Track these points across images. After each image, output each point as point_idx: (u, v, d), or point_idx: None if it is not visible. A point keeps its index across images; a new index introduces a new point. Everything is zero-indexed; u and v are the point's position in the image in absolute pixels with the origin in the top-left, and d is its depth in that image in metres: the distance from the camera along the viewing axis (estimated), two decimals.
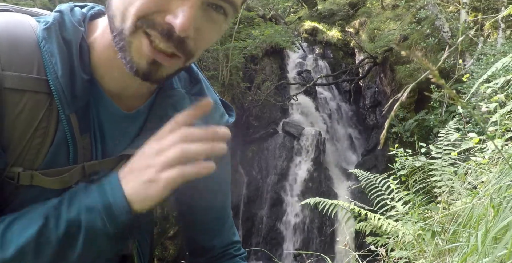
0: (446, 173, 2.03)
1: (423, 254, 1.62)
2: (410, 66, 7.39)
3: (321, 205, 2.43)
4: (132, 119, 0.75)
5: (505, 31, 5.76)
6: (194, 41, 0.63)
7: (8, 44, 0.63)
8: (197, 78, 0.84)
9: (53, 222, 0.61)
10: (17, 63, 0.63)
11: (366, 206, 2.28)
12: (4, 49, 0.62)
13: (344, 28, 11.28)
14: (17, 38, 0.64)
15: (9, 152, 0.64)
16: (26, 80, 0.63)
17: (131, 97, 0.74)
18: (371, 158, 8.12)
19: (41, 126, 0.65)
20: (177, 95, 0.78)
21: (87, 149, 0.69)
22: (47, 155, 0.66)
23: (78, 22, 0.68)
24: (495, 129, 1.83)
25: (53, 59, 0.64)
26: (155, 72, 0.64)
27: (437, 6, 6.79)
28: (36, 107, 0.64)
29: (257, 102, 8.39)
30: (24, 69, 0.63)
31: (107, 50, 0.67)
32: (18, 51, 0.63)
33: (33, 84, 0.63)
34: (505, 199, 0.98)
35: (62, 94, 0.64)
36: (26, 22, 0.67)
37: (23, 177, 0.65)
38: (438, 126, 5.77)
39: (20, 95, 0.62)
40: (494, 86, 1.96)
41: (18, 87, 0.62)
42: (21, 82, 0.62)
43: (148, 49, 0.61)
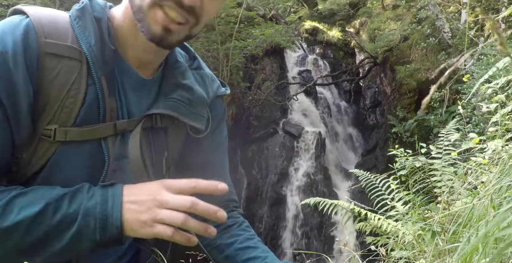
0: (446, 173, 2.03)
1: (423, 254, 1.62)
2: (411, 66, 7.39)
3: (321, 205, 2.43)
4: (150, 85, 0.87)
5: (505, 31, 5.76)
6: (201, 9, 0.76)
7: (48, 19, 0.76)
8: (194, 56, 0.99)
9: (51, 210, 0.69)
10: (56, 34, 0.75)
11: (366, 206, 2.28)
12: (46, 22, 0.75)
13: (344, 28, 11.28)
14: (55, 16, 0.78)
15: (46, 110, 0.74)
16: (63, 47, 0.75)
17: (146, 66, 0.87)
18: (371, 158, 8.12)
19: (73, 87, 0.75)
20: (183, 66, 0.92)
21: (113, 109, 0.80)
22: (79, 113, 0.76)
23: (103, 5, 0.83)
24: (496, 130, 1.83)
25: (86, 32, 0.77)
26: (167, 37, 0.76)
27: (438, 6, 6.79)
28: (70, 72, 0.75)
29: (257, 102, 8.38)
30: (62, 39, 0.76)
31: (128, 26, 0.80)
32: (56, 25, 0.76)
33: (69, 51, 0.75)
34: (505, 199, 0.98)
35: (95, 59, 0.76)
36: (59, 11, 0.82)
37: (59, 133, 0.74)
38: (438, 126, 5.77)
39: (57, 60, 0.74)
40: (495, 86, 1.96)
41: (57, 52, 0.74)
42: (59, 48, 0.75)
43: (162, 17, 0.74)
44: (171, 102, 0.86)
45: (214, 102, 0.98)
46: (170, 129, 0.89)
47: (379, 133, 8.68)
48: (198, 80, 0.95)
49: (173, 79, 0.89)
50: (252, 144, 8.21)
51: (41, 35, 0.74)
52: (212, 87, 0.98)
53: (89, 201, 0.70)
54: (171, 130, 0.89)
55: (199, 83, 0.94)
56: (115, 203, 0.70)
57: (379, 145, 8.27)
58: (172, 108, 0.85)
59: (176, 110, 0.86)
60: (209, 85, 0.97)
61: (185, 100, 0.87)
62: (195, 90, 0.90)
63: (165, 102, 0.85)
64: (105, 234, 0.69)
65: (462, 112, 3.07)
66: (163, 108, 0.84)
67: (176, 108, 0.86)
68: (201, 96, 0.91)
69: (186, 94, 0.88)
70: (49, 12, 0.79)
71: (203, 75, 0.98)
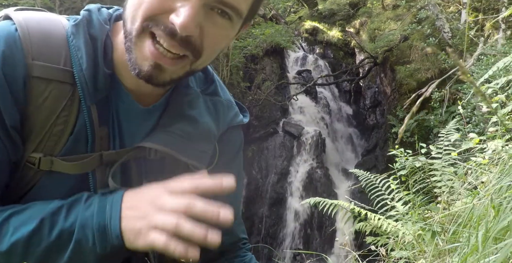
0: (446, 173, 2.03)
1: (423, 254, 1.62)
2: (411, 66, 7.38)
3: (321, 205, 2.43)
4: (149, 114, 0.77)
5: (505, 31, 5.76)
6: (200, 40, 0.64)
7: (40, 36, 0.67)
8: (212, 79, 0.87)
9: (47, 226, 0.64)
10: (47, 54, 0.67)
11: (366, 206, 2.28)
12: (36, 40, 0.66)
13: (344, 28, 11.27)
14: (48, 32, 0.68)
15: (32, 138, 0.67)
16: (53, 70, 0.67)
17: (148, 94, 0.76)
18: (371, 158, 8.12)
19: (63, 114, 0.68)
20: (193, 93, 0.80)
21: (104, 139, 0.72)
22: (67, 142, 0.69)
23: (104, 20, 0.72)
24: (496, 130, 1.83)
25: (79, 53, 0.68)
26: (157, 75, 0.65)
27: (438, 6, 6.78)
28: (60, 96, 0.68)
29: (257, 102, 8.38)
30: (53, 60, 0.67)
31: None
32: (49, 44, 0.68)
33: (59, 74, 0.67)
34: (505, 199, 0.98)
35: (85, 85, 0.68)
36: (57, 20, 0.72)
37: (44, 162, 0.68)
38: (438, 126, 5.76)
39: (46, 83, 0.66)
40: (495, 86, 1.96)
41: (45, 76, 0.66)
42: (48, 71, 0.66)
43: (151, 50, 0.63)
44: (166, 135, 0.75)
45: (226, 135, 0.87)
46: (167, 161, 0.78)
47: (379, 133, 8.68)
48: (210, 109, 0.83)
49: (177, 108, 0.78)
50: (252, 144, 8.20)
51: (28, 56, 0.65)
52: (226, 117, 0.86)
53: (86, 211, 0.65)
54: (168, 162, 0.78)
55: (210, 113, 0.82)
56: (113, 211, 0.64)
57: (379, 145, 8.27)
58: (166, 143, 0.74)
59: (170, 146, 0.74)
60: (222, 114, 0.85)
61: (185, 134, 0.76)
62: (201, 123, 0.79)
63: (160, 135, 0.75)
64: (105, 246, 0.64)
65: (462, 112, 3.07)
66: (156, 142, 0.74)
67: (171, 143, 0.75)
68: (207, 129, 0.80)
69: (188, 127, 0.77)
70: (43, 24, 0.69)
71: (217, 103, 0.85)
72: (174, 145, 0.75)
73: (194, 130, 0.78)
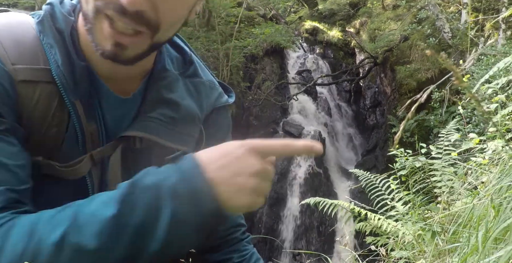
0: (446, 173, 2.03)
1: (423, 254, 1.62)
2: (411, 67, 7.39)
3: (321, 205, 2.43)
4: (130, 103, 0.76)
5: (505, 31, 5.76)
6: (154, 13, 0.61)
7: (12, 40, 0.65)
8: (191, 60, 0.84)
9: (127, 207, 0.54)
10: (25, 57, 0.65)
11: (366, 206, 2.28)
12: (10, 45, 0.64)
13: (344, 28, 11.28)
14: (19, 34, 0.66)
15: (30, 142, 0.66)
16: (35, 71, 0.65)
17: (125, 80, 0.74)
18: (371, 158, 8.12)
19: (56, 115, 0.67)
20: (170, 76, 0.78)
21: (94, 135, 0.71)
22: (63, 143, 0.68)
23: (68, 12, 0.70)
24: (496, 130, 1.83)
25: (52, 50, 0.66)
26: (120, 53, 0.64)
27: (438, 7, 6.79)
28: (49, 97, 0.66)
29: (257, 102, 8.38)
30: (33, 61, 0.65)
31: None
32: (23, 46, 0.65)
33: (43, 75, 0.66)
34: (505, 199, 0.98)
35: (64, 81, 0.66)
36: (24, 19, 0.70)
37: (44, 166, 0.67)
38: (438, 127, 5.77)
39: (33, 86, 0.65)
40: (495, 86, 1.96)
41: (30, 78, 0.64)
42: (32, 73, 0.65)
43: (108, 31, 0.61)
44: (148, 122, 0.73)
45: (212, 116, 0.85)
46: (154, 149, 0.75)
47: (379, 133, 8.68)
48: (191, 91, 0.80)
49: (156, 94, 0.75)
50: None
51: (7, 62, 0.63)
52: (209, 98, 0.84)
53: (166, 181, 0.55)
54: (155, 150, 0.75)
55: (191, 95, 0.80)
56: (196, 174, 0.55)
57: (379, 145, 8.27)
58: (149, 129, 0.72)
59: (153, 132, 0.72)
60: (205, 96, 0.83)
61: (167, 119, 0.74)
62: (182, 106, 0.76)
63: (142, 122, 0.73)
64: (202, 213, 0.55)
65: (462, 112, 3.07)
66: (138, 130, 0.72)
67: (154, 129, 0.73)
68: (190, 112, 0.78)
69: (169, 112, 0.75)
70: (10, 27, 0.66)
71: (199, 84, 0.83)
72: (157, 131, 0.73)
73: (176, 114, 0.76)
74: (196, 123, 0.81)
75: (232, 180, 0.56)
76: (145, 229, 0.54)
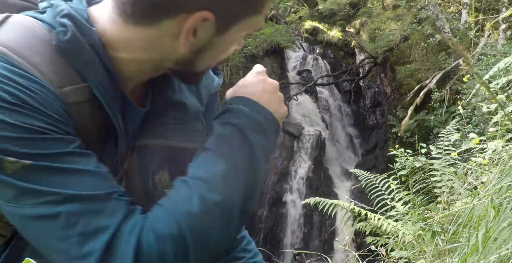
0: (446, 173, 2.03)
1: (423, 254, 1.62)
2: (411, 66, 7.39)
3: (321, 205, 2.43)
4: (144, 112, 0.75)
5: (505, 32, 5.76)
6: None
7: (47, 61, 0.61)
8: None
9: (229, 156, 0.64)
10: (65, 77, 0.62)
11: (366, 206, 2.28)
12: (48, 68, 0.60)
13: (344, 28, 11.28)
14: (48, 52, 0.62)
15: None
16: (80, 90, 0.63)
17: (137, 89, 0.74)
18: (371, 158, 8.12)
19: (101, 131, 0.67)
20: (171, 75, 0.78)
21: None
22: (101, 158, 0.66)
23: (86, 20, 0.65)
24: (496, 130, 1.83)
25: (89, 67, 0.63)
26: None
27: (438, 7, 6.79)
28: (94, 114, 0.65)
29: None
30: (73, 81, 0.62)
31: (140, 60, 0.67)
32: (57, 65, 0.62)
33: (85, 93, 0.63)
34: (505, 199, 0.98)
35: (108, 98, 0.65)
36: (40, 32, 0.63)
37: None
38: (438, 127, 5.77)
39: (82, 106, 0.63)
40: (495, 86, 1.96)
41: (78, 99, 0.62)
42: (78, 93, 0.62)
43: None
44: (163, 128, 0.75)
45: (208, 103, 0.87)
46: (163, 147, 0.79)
47: (379, 133, 8.69)
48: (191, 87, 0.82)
49: (163, 95, 0.76)
50: None
51: (55, 86, 0.60)
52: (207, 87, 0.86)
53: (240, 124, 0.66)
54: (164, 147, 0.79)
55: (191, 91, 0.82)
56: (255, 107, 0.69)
57: (379, 145, 8.27)
58: (165, 136, 0.75)
59: (168, 137, 0.75)
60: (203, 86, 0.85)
61: (178, 120, 0.76)
62: (189, 106, 0.78)
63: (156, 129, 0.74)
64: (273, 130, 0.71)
65: (462, 113, 3.07)
66: (155, 138, 0.74)
67: (168, 134, 0.75)
68: (195, 109, 0.80)
69: (179, 114, 0.77)
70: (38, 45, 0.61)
71: None
72: (172, 135, 0.75)
73: (185, 115, 0.78)
74: (199, 117, 0.82)
75: (272, 98, 0.73)
76: (252, 165, 0.64)
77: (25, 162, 0.55)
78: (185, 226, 0.57)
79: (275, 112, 0.71)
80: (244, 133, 0.64)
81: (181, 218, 0.58)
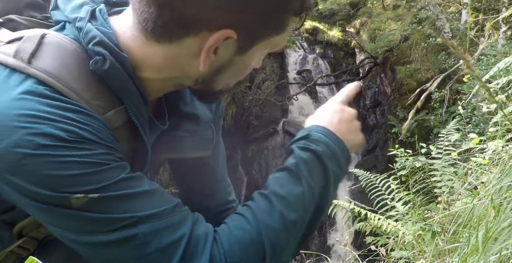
0: (446, 173, 2.03)
1: (423, 254, 1.62)
2: (411, 67, 7.39)
3: None
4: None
5: (505, 32, 5.76)
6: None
7: (87, 89, 0.60)
8: None
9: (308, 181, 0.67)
10: (105, 101, 0.62)
11: (366, 206, 2.28)
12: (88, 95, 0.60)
13: (344, 28, 11.28)
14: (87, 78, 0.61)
15: None
16: (119, 113, 0.64)
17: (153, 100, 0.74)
18: (371, 158, 8.12)
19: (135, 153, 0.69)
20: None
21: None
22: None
23: (117, 46, 0.63)
24: (496, 130, 1.83)
25: (125, 92, 0.63)
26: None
27: (438, 7, 6.79)
28: (131, 136, 0.67)
29: (257, 102, 8.39)
30: (112, 104, 0.63)
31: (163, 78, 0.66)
32: (97, 92, 0.62)
33: (123, 115, 0.64)
34: (505, 199, 0.98)
35: (142, 121, 0.66)
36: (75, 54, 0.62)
37: None
38: (438, 127, 5.77)
39: (123, 128, 0.65)
40: (495, 86, 1.96)
41: (120, 122, 0.64)
42: (119, 116, 0.64)
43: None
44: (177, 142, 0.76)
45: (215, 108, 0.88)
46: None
47: (379, 133, 8.69)
48: None
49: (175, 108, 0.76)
50: (252, 144, 8.20)
51: (99, 111, 0.61)
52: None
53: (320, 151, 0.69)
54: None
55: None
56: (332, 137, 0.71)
57: (379, 145, 8.27)
58: (179, 149, 0.77)
59: (183, 150, 0.77)
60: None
61: (191, 133, 0.77)
62: (200, 117, 0.79)
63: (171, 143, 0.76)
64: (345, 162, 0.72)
65: (462, 113, 3.07)
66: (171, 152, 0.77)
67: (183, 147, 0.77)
68: (206, 119, 0.81)
69: (192, 126, 0.77)
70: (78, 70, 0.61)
71: None
72: (186, 147, 0.77)
73: (197, 126, 0.78)
74: (210, 125, 0.83)
75: (348, 128, 0.75)
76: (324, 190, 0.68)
77: (92, 195, 0.56)
78: (266, 238, 0.61)
79: (349, 140, 0.74)
80: (323, 161, 0.68)
81: (262, 229, 0.61)
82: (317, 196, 0.66)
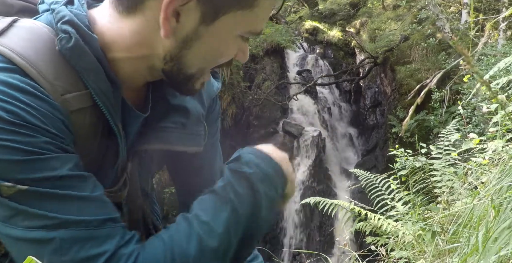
0: (446, 173, 2.03)
1: (423, 254, 1.62)
2: (411, 67, 7.39)
3: (321, 205, 2.43)
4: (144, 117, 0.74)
5: (505, 32, 5.76)
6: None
7: (52, 67, 0.60)
8: None
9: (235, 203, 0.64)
10: (67, 83, 0.61)
11: (366, 206, 2.28)
12: (51, 73, 0.59)
13: (345, 28, 11.28)
14: (54, 58, 0.61)
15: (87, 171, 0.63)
16: (82, 97, 0.62)
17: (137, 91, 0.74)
18: (371, 158, 8.13)
19: (102, 139, 0.66)
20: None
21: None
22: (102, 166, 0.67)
23: (87, 27, 0.63)
24: (496, 130, 1.83)
25: (91, 75, 0.62)
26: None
27: (438, 7, 6.79)
28: (96, 122, 0.64)
29: (257, 102, 8.38)
30: (76, 87, 0.62)
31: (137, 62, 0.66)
32: (61, 71, 0.61)
33: (87, 100, 0.63)
34: (505, 199, 0.98)
35: (109, 106, 0.64)
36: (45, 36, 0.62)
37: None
38: (438, 127, 5.77)
39: (83, 113, 0.62)
40: (495, 86, 1.96)
41: (81, 106, 0.62)
42: (80, 100, 0.62)
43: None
44: (162, 132, 0.74)
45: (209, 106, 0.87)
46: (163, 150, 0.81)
47: (379, 133, 8.69)
48: None
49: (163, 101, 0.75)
50: (252, 144, 8.17)
51: (56, 94, 0.59)
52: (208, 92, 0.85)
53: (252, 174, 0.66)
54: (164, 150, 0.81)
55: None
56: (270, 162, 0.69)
57: (379, 145, 8.27)
58: (164, 140, 0.74)
59: (168, 142, 0.74)
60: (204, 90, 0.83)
61: (178, 125, 0.75)
62: (190, 110, 0.77)
63: (156, 133, 0.73)
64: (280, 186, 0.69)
65: (462, 113, 3.07)
66: (155, 142, 0.73)
67: (168, 139, 0.74)
68: (196, 113, 0.79)
69: (180, 118, 0.76)
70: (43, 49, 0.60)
71: None
72: (172, 139, 0.75)
73: (186, 119, 0.77)
74: (201, 121, 0.82)
75: (282, 156, 0.72)
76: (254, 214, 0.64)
77: (21, 187, 0.54)
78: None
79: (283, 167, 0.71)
80: (252, 183, 0.64)
81: (177, 256, 0.58)
82: (245, 221, 0.62)
